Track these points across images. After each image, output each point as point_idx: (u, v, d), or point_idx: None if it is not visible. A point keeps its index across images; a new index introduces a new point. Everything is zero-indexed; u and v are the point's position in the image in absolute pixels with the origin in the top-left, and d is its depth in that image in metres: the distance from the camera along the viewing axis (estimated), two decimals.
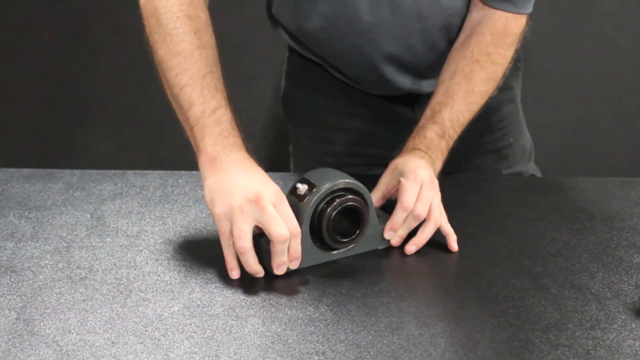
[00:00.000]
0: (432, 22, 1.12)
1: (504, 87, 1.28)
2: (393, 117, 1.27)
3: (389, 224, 0.95)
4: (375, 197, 1.00)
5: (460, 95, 1.08)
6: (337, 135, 1.30)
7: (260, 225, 0.85)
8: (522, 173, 1.33)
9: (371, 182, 0.96)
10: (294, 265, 0.88)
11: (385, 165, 1.04)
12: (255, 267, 0.87)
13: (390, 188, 1.00)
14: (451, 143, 1.07)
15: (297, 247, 0.87)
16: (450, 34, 1.15)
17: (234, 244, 0.86)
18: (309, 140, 1.34)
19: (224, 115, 0.92)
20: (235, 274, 0.88)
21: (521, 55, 1.32)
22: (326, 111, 1.30)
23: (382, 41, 1.13)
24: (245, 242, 0.85)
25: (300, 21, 1.16)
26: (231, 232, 0.86)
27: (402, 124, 1.20)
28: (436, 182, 0.98)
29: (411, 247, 0.95)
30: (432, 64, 1.18)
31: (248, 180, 0.87)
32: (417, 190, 0.95)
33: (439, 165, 1.05)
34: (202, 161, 0.91)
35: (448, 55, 1.13)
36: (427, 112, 1.09)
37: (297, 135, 1.36)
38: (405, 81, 1.20)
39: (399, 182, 0.97)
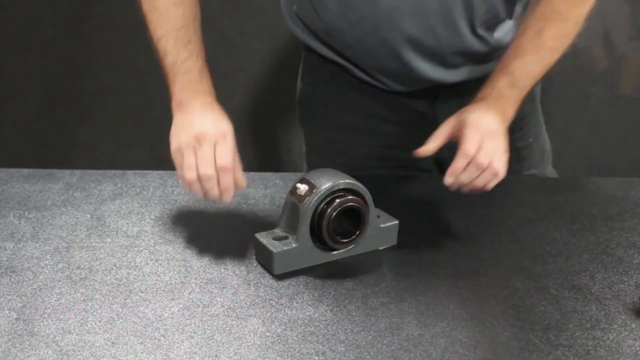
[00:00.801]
0: (452, 2, 1.11)
1: None
2: (412, 116, 1.26)
3: (450, 170, 0.96)
4: (434, 143, 1.01)
5: (531, 49, 1.08)
6: (354, 137, 1.29)
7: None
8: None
9: (376, 183, 0.96)
10: (226, 198, 0.93)
11: (404, 167, 1.05)
12: (216, 195, 0.93)
13: (451, 135, 1.01)
14: (523, 94, 1.07)
15: (226, 181, 0.92)
16: (471, 16, 1.14)
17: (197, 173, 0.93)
18: (324, 141, 1.33)
19: (194, 65, 1.02)
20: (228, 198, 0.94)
21: None
22: (342, 112, 1.29)
23: (401, 23, 1.12)
24: (206, 168, 0.92)
25: (319, 9, 1.16)
26: (182, 165, 0.94)
27: (422, 124, 1.19)
28: (501, 132, 0.99)
29: (466, 189, 0.97)
30: (454, 48, 1.16)
31: (202, 120, 0.96)
32: (478, 139, 0.96)
33: (510, 113, 1.05)
34: (172, 105, 1.01)
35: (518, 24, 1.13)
36: (498, 66, 1.09)
37: (311, 136, 1.36)
38: (427, 68, 1.18)
39: (460, 130, 0.98)
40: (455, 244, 0.98)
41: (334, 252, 0.93)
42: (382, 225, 0.96)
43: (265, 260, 0.91)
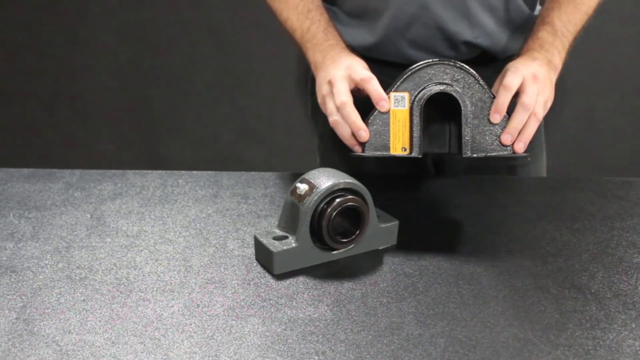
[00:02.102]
0: None
1: None
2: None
3: (494, 106, 0.95)
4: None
5: None
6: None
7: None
8: None
9: (376, 183, 0.96)
10: (383, 105, 0.96)
11: (412, 162, 1.05)
12: (356, 119, 0.96)
13: (497, 87, 1.01)
14: (566, 42, 1.08)
15: (374, 87, 0.97)
16: None
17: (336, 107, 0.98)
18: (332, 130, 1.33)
19: (317, 29, 1.11)
20: (357, 148, 0.97)
21: None
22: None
23: None
24: (340, 96, 0.97)
25: None
26: (335, 105, 0.98)
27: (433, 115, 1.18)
28: (543, 77, 0.99)
29: (519, 145, 0.96)
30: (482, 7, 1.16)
31: (332, 70, 1.02)
32: (519, 79, 0.97)
33: (556, 62, 1.05)
34: (312, 69, 1.10)
35: None
36: (538, 19, 1.11)
37: (323, 128, 1.36)
38: (447, 14, 1.16)
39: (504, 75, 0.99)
40: (455, 244, 0.98)
41: (334, 252, 0.93)
42: (382, 225, 0.96)
43: (265, 260, 0.91)
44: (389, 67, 1.20)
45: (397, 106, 0.96)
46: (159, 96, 2.11)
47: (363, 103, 0.99)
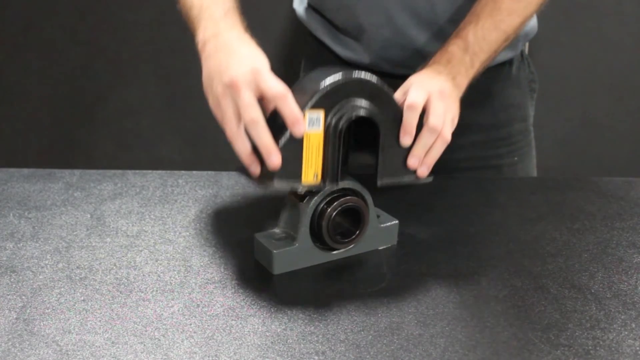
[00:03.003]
0: None
1: (517, 104, 1.25)
2: None
3: (403, 128, 0.88)
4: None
5: (486, 13, 1.02)
6: None
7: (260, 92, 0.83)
8: None
9: (376, 183, 0.96)
10: (298, 129, 0.81)
11: None
12: (269, 142, 0.81)
13: (402, 101, 0.93)
14: (476, 61, 1.01)
15: (289, 107, 0.81)
16: None
17: (244, 122, 0.82)
18: None
19: (217, 7, 0.93)
20: (255, 167, 0.83)
21: (536, 77, 1.30)
22: None
23: None
24: (251, 112, 0.81)
25: None
26: (224, 119, 0.83)
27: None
28: (449, 93, 0.93)
29: (422, 169, 0.91)
30: (449, 18, 1.12)
31: (229, 64, 0.85)
32: (424, 95, 0.89)
33: (461, 80, 0.99)
34: (199, 49, 0.92)
35: None
36: (453, 32, 1.04)
37: None
38: (421, 36, 1.14)
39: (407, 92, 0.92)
40: (455, 244, 0.98)
41: (334, 252, 0.93)
42: (382, 225, 0.96)
43: (265, 260, 0.91)
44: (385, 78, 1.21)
45: (312, 127, 0.83)
46: (159, 96, 2.11)
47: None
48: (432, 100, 0.90)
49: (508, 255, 0.96)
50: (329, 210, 0.89)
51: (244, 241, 0.97)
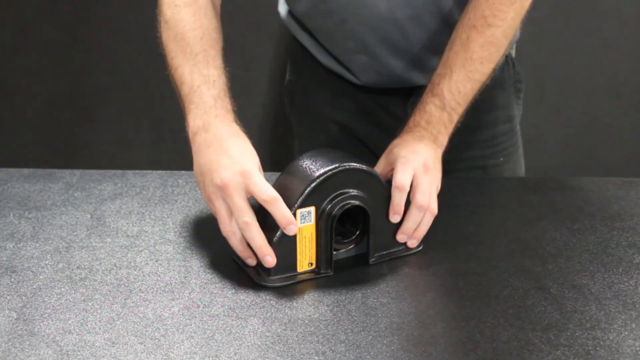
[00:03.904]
0: None
1: (501, 105, 1.26)
2: (387, 116, 1.25)
3: (392, 208, 0.93)
4: None
5: (458, 64, 1.03)
6: (332, 127, 1.29)
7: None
8: None
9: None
10: (292, 229, 0.85)
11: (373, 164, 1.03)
12: (263, 244, 0.86)
13: (386, 172, 0.99)
14: (455, 115, 1.04)
15: (281, 210, 0.85)
16: (441, 11, 1.11)
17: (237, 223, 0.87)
18: (310, 131, 1.33)
19: (207, 91, 0.95)
20: (251, 261, 0.89)
21: (522, 76, 1.30)
22: (321, 101, 1.29)
23: (369, 15, 1.10)
24: (243, 216, 0.86)
25: (292, 3, 1.17)
26: (228, 212, 0.87)
27: (393, 124, 1.18)
28: (432, 166, 0.97)
29: (412, 242, 0.95)
30: (424, 46, 1.14)
31: (218, 164, 0.89)
32: (410, 174, 0.94)
33: (442, 139, 1.03)
34: (189, 135, 0.94)
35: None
36: (428, 86, 1.06)
37: (299, 127, 1.36)
38: (397, 64, 1.17)
39: (393, 168, 0.96)
40: (455, 244, 0.98)
41: (334, 252, 0.93)
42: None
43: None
44: (371, 94, 1.24)
45: (304, 222, 0.87)
46: (159, 96, 2.10)
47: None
48: (418, 177, 0.94)
49: (508, 255, 0.96)
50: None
51: None
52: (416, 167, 0.95)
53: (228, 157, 0.88)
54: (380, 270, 0.92)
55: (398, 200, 0.92)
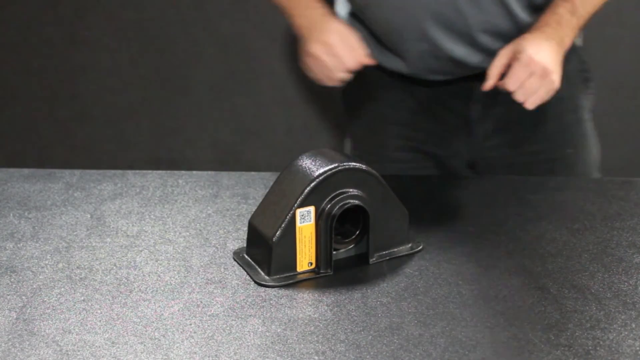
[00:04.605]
0: None
1: (567, 96, 1.25)
2: (448, 114, 1.25)
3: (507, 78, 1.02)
4: (492, 76, 1.06)
5: None
6: (389, 128, 1.30)
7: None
8: None
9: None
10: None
11: (438, 166, 1.04)
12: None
13: (509, 57, 1.05)
14: (581, 22, 1.11)
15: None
16: None
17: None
18: (365, 131, 1.34)
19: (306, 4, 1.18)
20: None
21: (589, 67, 1.30)
22: (379, 101, 1.29)
23: (425, 1, 1.14)
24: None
25: None
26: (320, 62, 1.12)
27: (456, 121, 1.18)
28: (552, 68, 1.03)
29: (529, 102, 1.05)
30: (482, 29, 1.15)
31: (322, 34, 1.12)
32: (524, 77, 1.01)
33: (567, 42, 1.08)
34: (298, 34, 1.17)
35: None
36: None
37: (354, 126, 1.37)
38: (456, 49, 1.18)
39: (515, 58, 1.03)
40: (456, 244, 0.98)
41: (334, 252, 0.93)
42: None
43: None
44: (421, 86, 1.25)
45: (303, 222, 0.87)
46: (159, 96, 2.11)
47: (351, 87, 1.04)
48: (532, 79, 1.03)
49: (508, 255, 0.96)
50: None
51: (244, 241, 0.97)
52: (535, 71, 1.01)
53: (328, 26, 1.13)
54: (380, 270, 0.92)
55: (519, 73, 1.03)
